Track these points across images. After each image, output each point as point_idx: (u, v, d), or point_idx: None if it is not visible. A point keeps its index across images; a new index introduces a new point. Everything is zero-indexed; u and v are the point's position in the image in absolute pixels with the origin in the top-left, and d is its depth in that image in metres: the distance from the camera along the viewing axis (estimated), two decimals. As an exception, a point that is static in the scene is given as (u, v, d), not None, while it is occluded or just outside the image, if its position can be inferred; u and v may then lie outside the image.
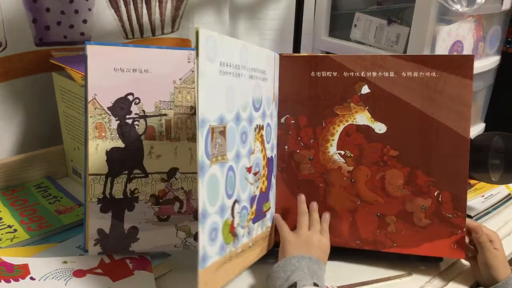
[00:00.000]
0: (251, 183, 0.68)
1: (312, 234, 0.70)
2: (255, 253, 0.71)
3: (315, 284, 0.60)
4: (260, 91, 0.69)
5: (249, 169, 0.67)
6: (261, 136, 0.71)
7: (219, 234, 0.60)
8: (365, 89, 0.75)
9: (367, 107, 0.75)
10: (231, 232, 0.63)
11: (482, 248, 0.70)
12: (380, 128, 0.75)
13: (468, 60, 0.72)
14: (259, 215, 0.71)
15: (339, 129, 0.76)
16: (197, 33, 0.53)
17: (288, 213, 0.76)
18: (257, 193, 0.70)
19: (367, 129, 0.75)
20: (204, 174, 0.56)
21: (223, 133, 0.60)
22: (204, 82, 0.55)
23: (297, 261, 0.64)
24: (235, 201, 0.64)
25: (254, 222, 0.69)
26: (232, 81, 0.62)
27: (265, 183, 0.73)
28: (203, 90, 0.55)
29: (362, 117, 0.75)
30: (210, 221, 0.58)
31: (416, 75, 0.73)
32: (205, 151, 0.56)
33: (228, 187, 0.62)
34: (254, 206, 0.69)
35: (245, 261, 0.68)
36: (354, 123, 0.75)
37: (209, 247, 0.58)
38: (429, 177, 0.73)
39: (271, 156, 0.75)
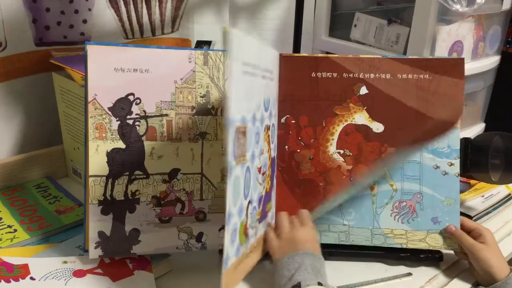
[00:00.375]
0: (260, 184, 0.68)
1: (294, 232, 0.69)
2: (258, 253, 0.71)
3: (319, 283, 0.60)
4: (269, 91, 0.69)
5: (259, 169, 0.67)
6: (268, 136, 0.71)
7: (237, 235, 0.60)
8: (364, 90, 0.76)
9: (365, 107, 0.76)
10: (245, 232, 0.63)
11: (461, 243, 0.72)
12: (377, 127, 0.76)
13: (459, 63, 0.75)
14: (263, 215, 0.71)
15: (339, 128, 0.76)
16: (225, 33, 0.52)
17: (288, 213, 0.76)
18: (263, 193, 0.70)
19: (365, 129, 0.76)
20: (231, 175, 0.55)
21: (244, 133, 0.59)
22: (233, 82, 0.54)
23: (300, 258, 0.64)
24: (249, 202, 0.64)
25: (259, 222, 0.69)
26: (251, 81, 0.61)
27: (269, 183, 0.73)
28: (233, 90, 0.54)
29: (361, 117, 0.76)
30: (233, 222, 0.58)
31: (411, 77, 0.75)
32: (232, 152, 0.55)
33: (245, 187, 0.62)
34: (261, 207, 0.69)
35: (252, 261, 0.68)
36: (353, 122, 0.76)
37: (230, 248, 0.58)
38: None
39: (274, 156, 0.75)
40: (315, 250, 0.67)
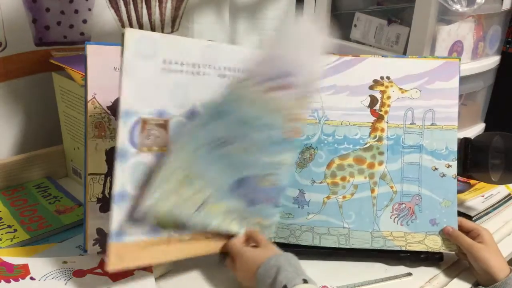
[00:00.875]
0: None
1: (239, 252, 0.67)
2: (218, 245, 0.70)
3: (304, 281, 0.60)
4: None
5: None
6: None
7: (146, 217, 0.61)
8: None
9: None
10: None
11: (459, 244, 0.72)
12: None
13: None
14: None
15: None
16: (123, 34, 0.57)
17: None
18: None
19: None
20: (127, 160, 0.59)
21: (163, 126, 0.62)
22: (130, 78, 0.58)
23: (275, 260, 0.63)
24: None
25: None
26: (184, 79, 0.64)
27: None
28: (128, 85, 0.58)
29: None
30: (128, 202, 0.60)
31: None
32: (129, 139, 0.59)
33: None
34: None
35: (200, 248, 0.68)
36: None
37: (129, 227, 0.60)
38: None
39: None
40: (278, 251, 0.67)
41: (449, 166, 0.75)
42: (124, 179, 0.59)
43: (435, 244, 0.75)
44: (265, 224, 0.73)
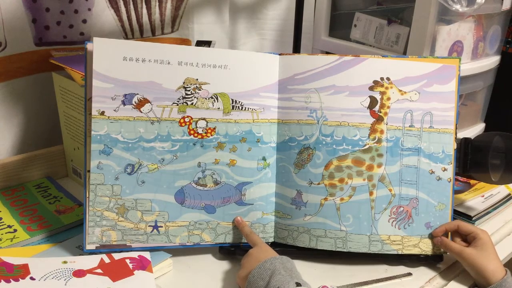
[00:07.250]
0: None
1: (253, 254, 0.68)
2: None
3: (297, 284, 0.60)
4: None
5: None
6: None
7: None
8: None
9: None
10: None
11: (450, 252, 0.73)
12: None
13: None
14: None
15: None
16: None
17: None
18: None
19: None
20: None
21: None
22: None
23: (270, 263, 0.64)
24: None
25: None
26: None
27: None
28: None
29: None
30: None
31: None
32: None
33: None
34: None
35: None
36: None
37: None
38: None
39: None
40: (274, 254, 0.67)
41: (445, 169, 0.75)
42: None
43: (427, 247, 0.75)
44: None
